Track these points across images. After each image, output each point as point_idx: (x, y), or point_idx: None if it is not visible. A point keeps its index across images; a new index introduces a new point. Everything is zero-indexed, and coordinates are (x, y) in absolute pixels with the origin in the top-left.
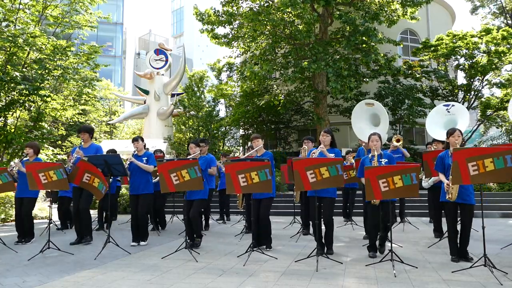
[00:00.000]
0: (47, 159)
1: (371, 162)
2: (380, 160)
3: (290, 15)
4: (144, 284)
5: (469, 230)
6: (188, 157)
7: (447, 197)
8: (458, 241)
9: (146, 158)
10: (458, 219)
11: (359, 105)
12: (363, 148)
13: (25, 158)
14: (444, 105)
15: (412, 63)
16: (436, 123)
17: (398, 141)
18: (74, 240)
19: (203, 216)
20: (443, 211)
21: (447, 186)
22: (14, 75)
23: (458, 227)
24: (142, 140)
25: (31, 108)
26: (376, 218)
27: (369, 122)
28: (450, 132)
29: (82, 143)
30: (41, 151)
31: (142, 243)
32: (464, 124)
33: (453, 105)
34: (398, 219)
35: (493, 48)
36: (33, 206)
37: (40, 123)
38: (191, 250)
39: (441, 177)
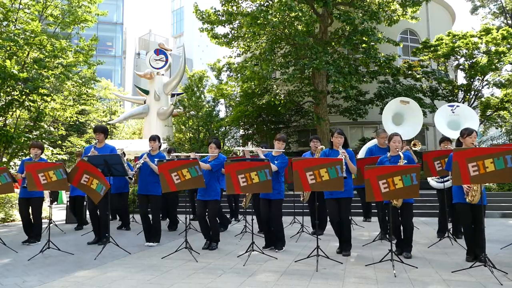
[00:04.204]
0: (47, 159)
1: (390, 163)
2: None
3: (289, 16)
4: (144, 284)
5: (482, 231)
6: (200, 154)
7: (468, 199)
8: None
9: (158, 159)
10: None
11: (394, 100)
12: (376, 145)
13: (28, 157)
14: (449, 105)
15: (412, 63)
16: (440, 123)
17: (414, 145)
18: (92, 240)
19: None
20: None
21: (469, 189)
22: (13, 71)
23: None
24: (159, 140)
25: (31, 108)
26: (398, 218)
27: (390, 120)
28: (467, 133)
29: (97, 143)
30: None
31: (152, 244)
32: (474, 125)
33: (458, 106)
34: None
35: (493, 49)
36: (41, 206)
37: (40, 123)
38: (191, 250)
39: None
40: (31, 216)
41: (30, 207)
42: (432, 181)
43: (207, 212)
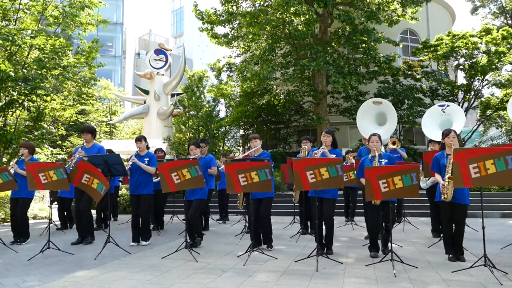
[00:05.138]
0: (47, 159)
1: (372, 163)
2: (380, 160)
3: (288, 14)
4: (144, 284)
5: (462, 229)
6: (189, 157)
7: (442, 197)
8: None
9: (148, 159)
10: None
11: (366, 103)
12: (366, 147)
13: (20, 159)
14: (439, 105)
15: (412, 63)
16: (432, 124)
17: (394, 143)
18: (75, 240)
19: (202, 216)
20: None
21: (443, 187)
22: (9, 73)
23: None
24: (145, 140)
25: (31, 108)
26: (376, 218)
27: (374, 121)
28: (446, 133)
29: (85, 143)
30: (40, 151)
31: (144, 243)
32: (459, 125)
33: (448, 105)
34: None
35: (493, 49)
36: (28, 207)
37: (40, 123)
38: (191, 250)
39: (437, 177)
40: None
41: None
42: (421, 182)
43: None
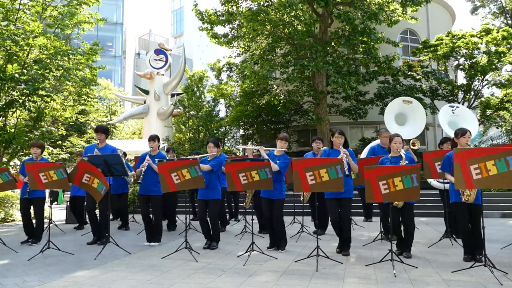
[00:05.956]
0: (48, 159)
1: (396, 164)
2: (406, 161)
3: (289, 15)
4: (144, 284)
5: (479, 230)
6: (199, 156)
7: (463, 199)
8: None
9: (158, 159)
10: None
11: (397, 99)
12: (379, 145)
13: (27, 157)
14: (450, 106)
15: (412, 63)
16: (444, 123)
17: (413, 145)
18: (91, 240)
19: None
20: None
21: None
22: (14, 75)
23: None
24: (159, 140)
25: (31, 108)
26: (398, 217)
27: (393, 120)
28: (461, 133)
29: (98, 143)
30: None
31: (154, 243)
32: (472, 130)
33: (457, 107)
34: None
35: (493, 49)
36: (44, 206)
37: (40, 123)
38: (191, 250)
39: (450, 178)
40: (32, 217)
41: (32, 207)
42: (434, 181)
43: (207, 212)
